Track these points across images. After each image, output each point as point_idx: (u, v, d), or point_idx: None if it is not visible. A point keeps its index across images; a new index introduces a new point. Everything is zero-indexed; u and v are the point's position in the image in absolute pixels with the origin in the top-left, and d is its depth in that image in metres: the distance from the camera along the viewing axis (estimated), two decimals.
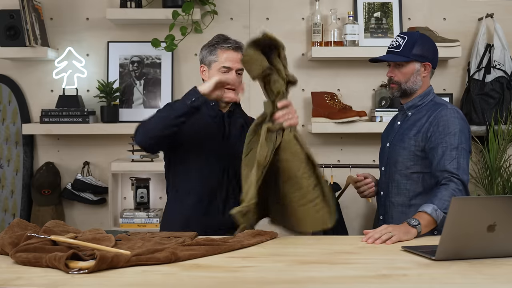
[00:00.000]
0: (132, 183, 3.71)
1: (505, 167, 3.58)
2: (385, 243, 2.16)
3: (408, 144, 2.52)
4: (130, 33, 3.76)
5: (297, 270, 1.84)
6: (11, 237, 1.99)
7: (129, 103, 3.74)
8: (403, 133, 2.57)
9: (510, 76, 3.66)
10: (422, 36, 2.58)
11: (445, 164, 2.39)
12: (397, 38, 2.59)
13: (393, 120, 2.75)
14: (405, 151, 2.53)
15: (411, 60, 2.53)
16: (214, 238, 2.12)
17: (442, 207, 2.28)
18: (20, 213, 3.71)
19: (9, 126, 3.74)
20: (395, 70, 2.57)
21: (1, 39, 3.58)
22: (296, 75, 3.74)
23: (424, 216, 2.27)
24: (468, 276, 1.77)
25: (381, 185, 2.65)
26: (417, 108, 2.59)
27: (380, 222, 2.61)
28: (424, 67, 2.56)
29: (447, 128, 2.44)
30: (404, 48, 2.53)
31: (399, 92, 2.58)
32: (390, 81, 2.59)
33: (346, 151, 3.79)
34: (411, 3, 3.82)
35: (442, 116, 2.47)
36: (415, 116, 2.57)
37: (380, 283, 1.71)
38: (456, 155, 2.40)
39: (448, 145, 2.41)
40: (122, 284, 1.68)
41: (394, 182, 2.57)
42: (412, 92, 2.57)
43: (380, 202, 2.66)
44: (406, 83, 2.55)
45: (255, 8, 3.79)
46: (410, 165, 2.52)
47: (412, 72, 2.54)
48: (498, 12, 3.75)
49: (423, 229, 2.25)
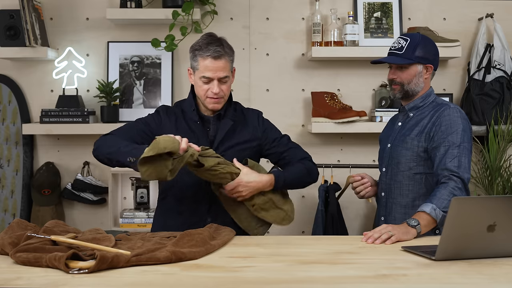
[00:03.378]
0: (132, 183, 3.71)
1: (505, 167, 3.58)
2: (385, 243, 2.17)
3: (412, 144, 2.52)
4: (130, 33, 3.76)
5: (297, 270, 1.84)
6: (11, 237, 1.99)
7: (129, 103, 3.74)
8: (405, 133, 2.57)
9: (510, 76, 3.66)
10: (424, 38, 2.58)
11: (446, 163, 2.39)
12: (399, 40, 2.58)
13: (392, 121, 2.75)
14: (408, 152, 2.53)
15: (414, 62, 2.53)
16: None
17: (441, 206, 2.28)
18: (20, 213, 3.71)
19: (9, 126, 3.74)
20: (398, 72, 2.57)
21: (1, 39, 3.58)
22: (296, 75, 3.81)
23: (423, 215, 2.27)
24: (468, 276, 1.77)
25: (382, 186, 2.64)
26: (418, 109, 2.59)
27: (381, 223, 2.59)
28: (426, 69, 2.56)
29: (450, 128, 2.45)
30: (407, 50, 2.53)
31: (401, 94, 2.58)
32: (392, 82, 2.59)
33: (346, 151, 3.79)
34: (411, 3, 3.82)
35: (445, 115, 2.47)
36: (417, 117, 2.57)
37: (380, 283, 1.71)
38: (458, 154, 2.41)
39: (450, 144, 2.42)
40: (122, 284, 1.68)
41: (397, 183, 2.57)
42: (414, 94, 2.58)
43: (381, 203, 2.65)
44: (408, 84, 2.55)
45: (255, 8, 3.79)
46: (413, 166, 2.52)
47: (415, 74, 2.55)
48: (498, 12, 3.75)
49: (423, 229, 2.25)
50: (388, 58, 2.59)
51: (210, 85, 2.43)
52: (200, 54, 2.42)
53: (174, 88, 3.75)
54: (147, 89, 3.75)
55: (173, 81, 3.75)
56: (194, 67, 2.46)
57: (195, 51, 2.45)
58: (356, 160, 3.74)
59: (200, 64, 2.43)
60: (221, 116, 2.53)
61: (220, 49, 2.41)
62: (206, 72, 2.41)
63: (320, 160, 3.75)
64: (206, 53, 2.40)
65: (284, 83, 3.79)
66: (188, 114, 2.53)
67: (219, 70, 2.41)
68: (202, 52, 2.41)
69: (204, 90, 2.45)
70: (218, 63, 2.41)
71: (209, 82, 2.43)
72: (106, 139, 2.41)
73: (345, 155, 3.79)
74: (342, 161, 3.78)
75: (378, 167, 2.71)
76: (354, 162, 3.71)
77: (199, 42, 2.45)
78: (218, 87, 2.43)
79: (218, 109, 2.49)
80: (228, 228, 2.29)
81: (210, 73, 2.41)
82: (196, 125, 2.51)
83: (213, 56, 2.40)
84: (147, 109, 3.70)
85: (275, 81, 3.79)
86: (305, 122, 3.80)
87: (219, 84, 2.43)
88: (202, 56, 2.41)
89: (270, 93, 3.79)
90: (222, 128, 2.51)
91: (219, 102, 2.47)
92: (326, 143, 3.80)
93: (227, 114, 2.54)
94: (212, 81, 2.42)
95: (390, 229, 2.21)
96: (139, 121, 2.54)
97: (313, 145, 3.78)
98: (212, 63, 2.40)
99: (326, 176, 3.59)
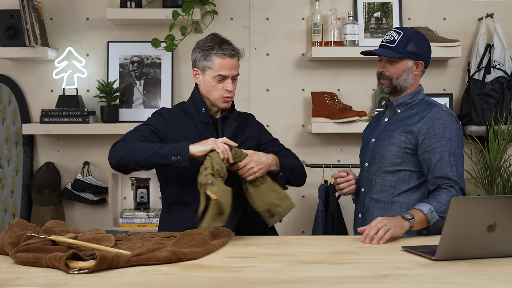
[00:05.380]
0: (132, 183, 3.71)
1: (505, 167, 3.58)
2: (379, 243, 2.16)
3: (398, 140, 2.47)
4: (130, 33, 3.76)
5: (297, 270, 1.84)
6: (11, 237, 2.00)
7: (129, 103, 3.74)
8: (391, 129, 2.51)
9: (510, 76, 3.66)
10: (417, 33, 2.52)
11: (446, 172, 2.37)
12: (392, 32, 2.52)
13: (377, 118, 2.69)
14: (394, 147, 2.47)
15: (405, 57, 2.48)
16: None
17: (439, 210, 2.28)
18: (20, 213, 3.71)
19: (9, 126, 3.74)
20: (387, 65, 2.51)
21: (1, 39, 3.58)
22: (296, 75, 3.81)
23: (419, 213, 2.27)
24: (468, 276, 1.77)
25: (362, 182, 2.59)
26: (407, 105, 2.53)
27: (359, 219, 2.58)
28: (416, 65, 2.51)
29: (443, 132, 2.41)
30: (399, 44, 2.47)
31: (389, 88, 2.52)
32: (381, 76, 2.53)
33: (346, 151, 3.79)
34: (411, 3, 3.82)
35: (437, 118, 2.43)
36: (405, 113, 2.52)
37: (380, 283, 1.71)
38: (455, 162, 2.39)
39: (446, 150, 2.39)
40: (122, 284, 1.68)
41: (379, 178, 2.52)
42: (402, 90, 2.52)
43: (360, 199, 2.60)
44: (397, 79, 2.50)
45: (255, 8, 3.79)
46: (399, 162, 2.47)
47: (405, 69, 2.49)
48: (498, 12, 3.75)
49: (415, 225, 2.25)
50: (379, 50, 2.52)
51: (224, 83, 2.48)
52: (216, 53, 2.47)
53: (174, 88, 3.75)
54: (147, 89, 3.75)
55: (173, 81, 3.75)
56: (206, 67, 2.49)
57: (208, 51, 2.48)
58: (356, 160, 3.71)
59: (215, 63, 2.47)
60: (226, 117, 2.58)
61: (234, 47, 2.50)
62: (222, 70, 2.47)
63: (320, 160, 3.76)
64: (223, 52, 2.47)
65: (284, 83, 3.79)
66: (195, 115, 2.55)
67: (234, 69, 2.49)
68: (218, 51, 2.47)
69: (218, 90, 2.50)
70: (234, 61, 2.49)
71: (223, 80, 2.48)
72: (128, 146, 2.40)
73: (345, 155, 3.79)
74: (342, 161, 3.78)
75: (359, 164, 2.66)
76: (354, 162, 3.70)
77: (209, 42, 2.50)
78: (233, 85, 2.51)
79: (228, 107, 2.55)
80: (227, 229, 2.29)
81: (226, 71, 2.47)
82: (205, 126, 2.54)
83: (230, 55, 2.47)
84: (147, 109, 3.71)
85: (275, 81, 3.79)
86: (305, 122, 3.80)
87: (232, 82, 2.50)
88: (218, 55, 2.47)
89: (270, 93, 3.79)
90: (228, 129, 2.57)
91: (230, 101, 2.54)
92: (326, 143, 3.80)
93: (230, 116, 2.59)
94: (226, 79, 2.48)
95: (386, 222, 2.20)
96: (145, 126, 2.54)
97: (313, 145, 3.78)
98: (229, 61, 2.47)
99: (326, 176, 3.59)
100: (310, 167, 3.69)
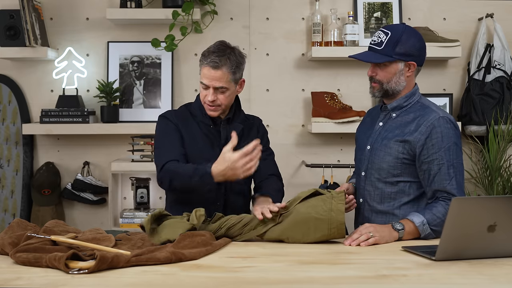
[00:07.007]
0: (132, 183, 3.71)
1: (505, 167, 3.58)
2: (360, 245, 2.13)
3: (396, 150, 2.33)
4: (130, 33, 3.76)
5: (297, 270, 1.84)
6: (11, 237, 2.00)
7: (129, 103, 3.74)
8: (387, 136, 2.38)
9: (510, 76, 3.66)
10: (407, 31, 2.33)
11: (445, 185, 2.27)
12: (380, 33, 2.34)
13: (371, 118, 2.55)
14: (391, 158, 2.34)
15: (394, 60, 2.31)
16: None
17: (432, 223, 2.22)
18: (20, 213, 3.71)
19: (9, 126, 3.74)
20: (377, 69, 2.35)
21: (1, 39, 3.58)
22: (296, 75, 3.81)
23: (410, 224, 2.22)
24: (468, 277, 1.77)
25: (361, 191, 2.46)
26: (402, 109, 2.39)
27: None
28: (408, 67, 2.34)
29: (441, 142, 2.28)
30: (386, 46, 2.30)
31: (381, 93, 2.37)
32: (371, 80, 2.38)
33: (346, 151, 3.79)
34: (411, 3, 3.82)
35: (435, 127, 2.28)
36: (401, 118, 2.38)
37: (380, 283, 1.71)
38: (454, 173, 2.28)
39: (444, 162, 2.27)
40: (122, 284, 1.68)
41: (378, 190, 2.39)
42: (395, 93, 2.37)
43: (360, 210, 2.48)
44: (388, 83, 2.34)
45: (255, 8, 3.79)
46: (397, 173, 2.34)
47: (395, 72, 2.33)
48: (498, 12, 3.75)
49: (405, 235, 2.21)
50: (364, 55, 2.36)
51: (207, 91, 2.49)
52: (201, 60, 2.49)
53: (174, 88, 3.75)
54: (147, 89, 3.75)
55: (173, 81, 3.75)
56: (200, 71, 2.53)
57: (201, 56, 2.51)
58: None
59: (201, 71, 2.50)
60: (230, 120, 2.58)
61: (218, 60, 2.44)
62: (204, 79, 2.48)
63: (320, 160, 3.76)
64: (205, 61, 2.46)
65: (284, 83, 3.79)
66: (199, 117, 2.57)
67: (215, 80, 2.45)
68: (203, 59, 2.48)
69: (203, 96, 2.53)
70: (215, 73, 2.45)
71: (207, 89, 2.49)
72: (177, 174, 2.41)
73: (345, 155, 3.79)
74: (342, 161, 3.78)
75: (354, 168, 2.57)
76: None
77: (208, 48, 2.51)
78: (213, 95, 2.47)
79: (214, 116, 2.54)
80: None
81: (207, 80, 2.47)
82: (209, 128, 2.56)
83: (210, 66, 2.45)
84: (147, 109, 3.71)
85: (275, 81, 3.79)
86: (305, 122, 3.80)
87: (216, 92, 2.48)
88: (202, 63, 2.48)
89: (270, 93, 3.79)
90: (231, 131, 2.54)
91: (215, 110, 2.52)
92: (326, 143, 3.80)
93: (235, 118, 2.60)
94: (208, 88, 2.49)
95: (371, 230, 2.17)
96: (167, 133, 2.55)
97: (313, 145, 3.78)
98: (209, 71, 2.46)
99: (326, 176, 3.59)
100: (310, 167, 3.69)
